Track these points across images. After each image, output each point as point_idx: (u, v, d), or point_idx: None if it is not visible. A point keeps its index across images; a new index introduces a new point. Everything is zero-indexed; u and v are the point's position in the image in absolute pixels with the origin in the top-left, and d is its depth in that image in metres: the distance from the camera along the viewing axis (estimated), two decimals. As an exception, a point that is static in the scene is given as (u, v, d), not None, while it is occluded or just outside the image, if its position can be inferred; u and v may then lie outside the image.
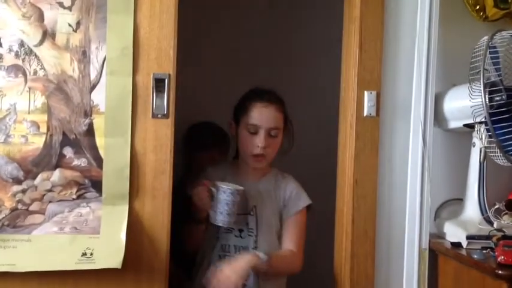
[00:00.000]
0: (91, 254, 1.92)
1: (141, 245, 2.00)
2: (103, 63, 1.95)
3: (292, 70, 3.37)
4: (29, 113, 1.93)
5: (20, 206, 1.93)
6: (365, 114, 2.24)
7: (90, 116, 1.95)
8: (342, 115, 2.36)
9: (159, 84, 1.99)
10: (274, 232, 2.27)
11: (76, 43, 1.94)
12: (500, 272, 1.81)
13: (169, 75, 2.00)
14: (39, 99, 1.93)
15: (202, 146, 3.07)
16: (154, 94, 1.99)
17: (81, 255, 1.92)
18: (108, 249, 1.93)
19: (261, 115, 2.23)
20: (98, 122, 1.96)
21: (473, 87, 2.07)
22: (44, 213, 1.94)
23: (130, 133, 1.98)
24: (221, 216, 2.11)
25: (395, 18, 2.28)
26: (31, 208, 1.94)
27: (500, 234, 2.04)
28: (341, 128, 2.37)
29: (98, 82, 1.95)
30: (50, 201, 1.94)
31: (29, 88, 1.93)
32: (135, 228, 1.99)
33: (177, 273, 2.44)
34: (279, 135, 2.26)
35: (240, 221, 2.20)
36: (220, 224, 2.13)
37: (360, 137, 2.24)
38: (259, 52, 3.34)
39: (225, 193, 2.10)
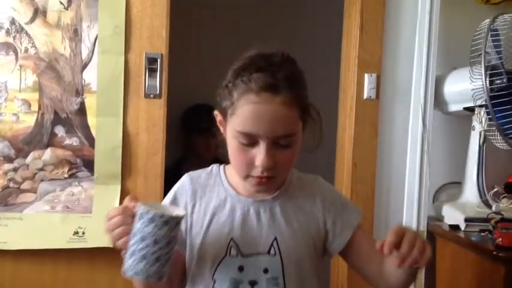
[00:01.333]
0: (83, 233, 1.93)
1: (133, 225, 2.00)
2: (95, 41, 1.96)
3: (291, 50, 3.35)
4: (20, 91, 1.94)
5: (11, 184, 1.94)
6: (365, 97, 2.22)
7: (82, 95, 1.96)
8: (342, 98, 2.34)
9: (151, 63, 1.99)
10: (308, 277, 1.40)
11: (67, 21, 1.94)
12: (498, 254, 1.79)
13: (161, 54, 2.00)
14: (31, 78, 1.94)
15: (197, 131, 3.06)
16: (147, 74, 1.99)
17: (73, 234, 1.93)
18: (100, 228, 1.91)
19: (258, 119, 1.29)
20: (90, 101, 1.96)
21: (474, 70, 2.04)
22: (35, 192, 1.95)
23: (122, 113, 1.98)
24: (131, 260, 1.20)
25: (396, 0, 2.25)
26: (23, 186, 1.95)
27: (498, 217, 2.00)
28: (340, 111, 2.35)
29: (89, 61, 1.95)
30: (42, 180, 1.96)
31: (20, 66, 1.94)
32: (127, 207, 1.98)
33: None
34: (293, 142, 1.32)
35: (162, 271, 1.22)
36: (130, 274, 1.20)
37: (360, 120, 2.22)
38: (258, 32, 3.33)
39: (141, 219, 1.19)
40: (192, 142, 3.09)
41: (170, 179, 2.18)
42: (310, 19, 3.39)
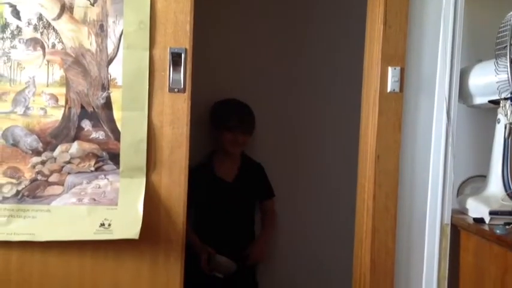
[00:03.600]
0: (109, 225, 1.96)
1: (158, 217, 2.03)
2: (120, 37, 1.98)
3: (312, 46, 3.37)
4: (47, 86, 1.97)
5: (39, 177, 1.98)
6: (389, 90, 2.21)
7: (108, 89, 1.98)
8: (365, 91, 2.34)
9: (175, 58, 2.01)
10: None
11: (93, 17, 1.97)
12: (522, 246, 1.80)
13: (185, 49, 2.01)
14: (58, 73, 1.97)
15: (225, 128, 3.09)
16: (171, 68, 2.01)
17: (99, 226, 1.96)
18: (126, 221, 1.97)
19: None
20: (116, 96, 1.99)
21: (499, 62, 2.03)
22: (63, 185, 1.99)
23: (147, 107, 2.00)
24: None
25: (420, -7, 2.25)
26: (50, 179, 1.99)
27: (523, 210, 2.01)
28: (364, 104, 2.34)
29: (115, 56, 1.98)
30: (69, 173, 1.99)
31: (48, 61, 1.97)
32: (152, 200, 2.02)
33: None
34: None
35: None
36: None
37: (383, 113, 2.22)
38: (281, 25, 3.35)
39: None
40: (220, 137, 3.12)
41: (201, 173, 2.21)
42: (333, 12, 3.39)
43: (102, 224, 1.96)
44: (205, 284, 2.94)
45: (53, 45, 1.96)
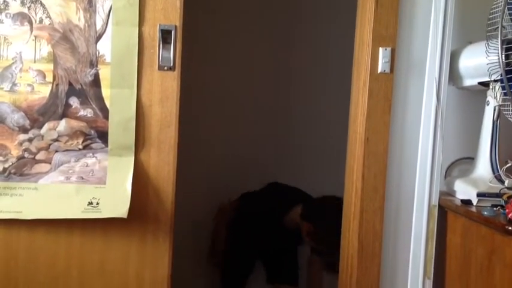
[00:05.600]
0: (97, 204, 1.95)
1: (147, 196, 2.02)
2: (109, 12, 1.95)
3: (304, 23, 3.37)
4: (34, 61, 1.94)
5: (26, 154, 1.96)
6: (379, 70, 2.20)
7: (96, 66, 1.96)
8: (356, 72, 2.33)
9: (165, 35, 1.98)
10: None
11: (82, -9, 1.94)
12: (510, 228, 1.79)
13: (175, 26, 1.99)
14: (45, 48, 1.94)
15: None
16: (161, 46, 1.98)
17: (88, 205, 1.95)
18: (114, 199, 1.95)
19: None
20: (104, 73, 1.96)
21: (490, 44, 2.02)
22: (50, 163, 1.97)
23: (136, 84, 1.98)
24: None
25: (412, -27, 2.23)
26: (37, 157, 1.96)
27: (511, 192, 2.01)
28: (354, 85, 2.33)
29: (103, 32, 1.95)
30: (56, 151, 1.97)
31: (35, 37, 1.94)
32: (140, 179, 2.00)
33: None
34: None
35: None
36: None
37: (373, 94, 2.21)
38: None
39: None
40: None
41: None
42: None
43: (90, 203, 1.94)
44: None
45: (41, 20, 1.93)
